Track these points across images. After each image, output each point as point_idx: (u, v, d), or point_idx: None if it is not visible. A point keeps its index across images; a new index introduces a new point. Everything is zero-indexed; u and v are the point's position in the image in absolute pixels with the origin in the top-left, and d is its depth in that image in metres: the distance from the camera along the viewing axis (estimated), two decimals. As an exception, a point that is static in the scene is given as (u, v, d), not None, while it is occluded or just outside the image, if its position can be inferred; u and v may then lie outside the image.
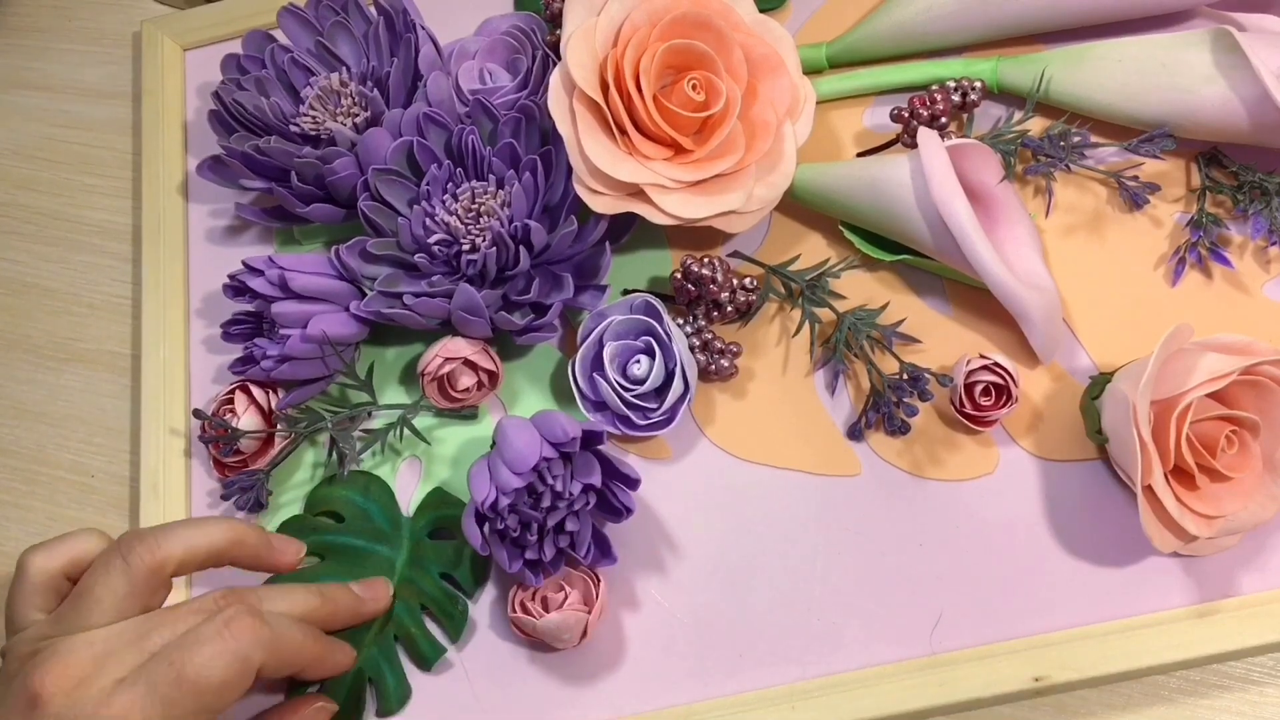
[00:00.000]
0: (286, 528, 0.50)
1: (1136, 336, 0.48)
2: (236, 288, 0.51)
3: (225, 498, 0.50)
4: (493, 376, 0.50)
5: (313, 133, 0.53)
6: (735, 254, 0.52)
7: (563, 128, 0.46)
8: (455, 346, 0.49)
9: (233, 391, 0.51)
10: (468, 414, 0.51)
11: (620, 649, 0.46)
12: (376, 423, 0.51)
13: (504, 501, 0.42)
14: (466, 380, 0.49)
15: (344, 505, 0.50)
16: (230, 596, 0.41)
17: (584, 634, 0.44)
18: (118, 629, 0.39)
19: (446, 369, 0.49)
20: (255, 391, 0.51)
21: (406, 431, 0.50)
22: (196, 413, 0.50)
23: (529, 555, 0.44)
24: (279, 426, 0.50)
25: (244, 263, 0.50)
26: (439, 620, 0.47)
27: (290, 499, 0.51)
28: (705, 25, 0.47)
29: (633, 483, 0.45)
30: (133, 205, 0.63)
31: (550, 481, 0.43)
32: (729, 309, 0.50)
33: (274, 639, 0.40)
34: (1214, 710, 0.44)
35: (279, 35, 0.56)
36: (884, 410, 0.47)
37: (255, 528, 0.45)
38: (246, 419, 0.50)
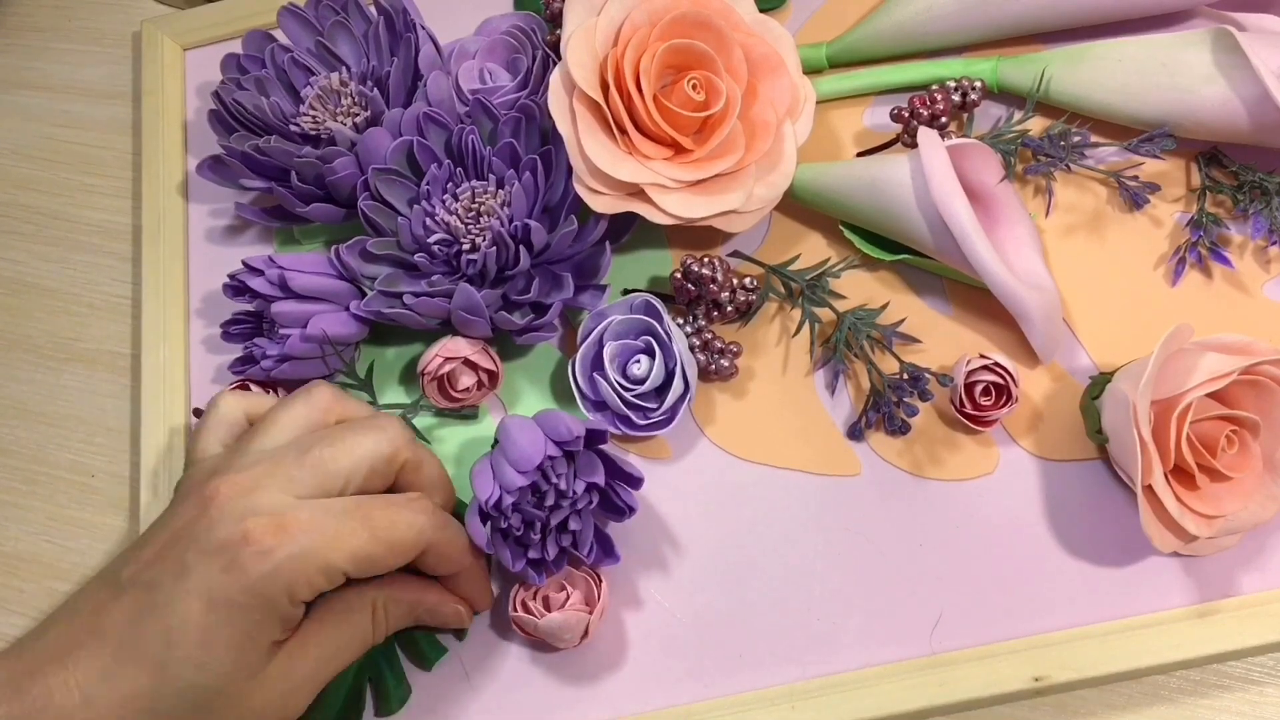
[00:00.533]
0: None
1: (1136, 336, 0.48)
2: (236, 287, 0.51)
3: None
4: (493, 376, 0.50)
5: (313, 132, 0.53)
6: (735, 254, 0.52)
7: (563, 127, 0.46)
8: (455, 346, 0.49)
9: (235, 389, 0.51)
10: (468, 414, 0.51)
11: (621, 649, 0.46)
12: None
13: (508, 500, 0.42)
14: (466, 380, 0.49)
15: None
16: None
17: (585, 634, 0.44)
18: (291, 444, 0.41)
19: (446, 368, 0.49)
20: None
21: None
22: (197, 412, 0.50)
23: (532, 554, 0.44)
24: None
25: (244, 262, 0.50)
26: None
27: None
28: (705, 25, 0.47)
29: (635, 481, 0.45)
30: (133, 205, 0.63)
31: (554, 480, 0.43)
32: (729, 309, 0.50)
33: (448, 532, 0.42)
34: (1214, 710, 0.44)
35: (279, 35, 0.56)
36: (884, 410, 0.47)
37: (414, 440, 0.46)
38: None
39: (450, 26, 0.57)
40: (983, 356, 0.46)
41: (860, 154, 0.54)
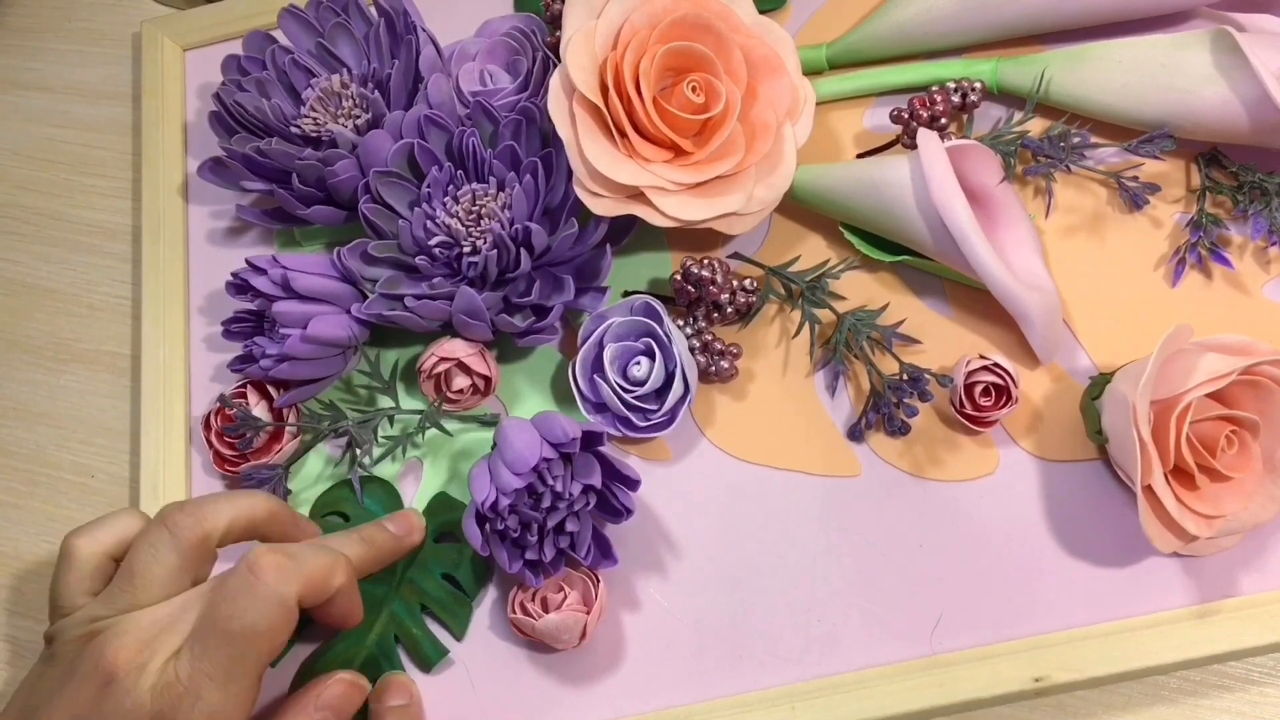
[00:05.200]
0: None
1: (1136, 337, 0.48)
2: (239, 285, 0.51)
3: None
4: (486, 381, 0.50)
5: (313, 134, 0.53)
6: (735, 255, 0.52)
7: (563, 130, 0.47)
8: (452, 347, 0.49)
9: (244, 386, 0.51)
10: (489, 420, 0.51)
11: (620, 650, 0.46)
12: (395, 428, 0.51)
13: (504, 502, 0.43)
14: (461, 381, 0.49)
15: (349, 505, 0.50)
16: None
17: (583, 635, 0.44)
18: (177, 601, 0.40)
19: (441, 368, 0.49)
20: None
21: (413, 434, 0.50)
22: (221, 398, 0.50)
23: (529, 556, 0.44)
24: (301, 421, 0.50)
25: (248, 261, 0.50)
26: (441, 621, 0.48)
27: (292, 501, 0.52)
28: (705, 27, 0.47)
29: (633, 484, 0.45)
30: (133, 205, 0.63)
31: (550, 482, 0.43)
32: (729, 310, 0.50)
33: (299, 567, 0.39)
34: (1214, 710, 0.45)
35: (279, 36, 0.56)
36: (884, 411, 0.47)
37: (284, 505, 0.45)
38: (258, 413, 0.50)
39: (451, 28, 0.57)
40: (983, 357, 0.46)
41: (860, 155, 0.54)
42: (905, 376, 0.46)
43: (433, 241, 0.49)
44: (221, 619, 0.38)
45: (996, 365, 0.46)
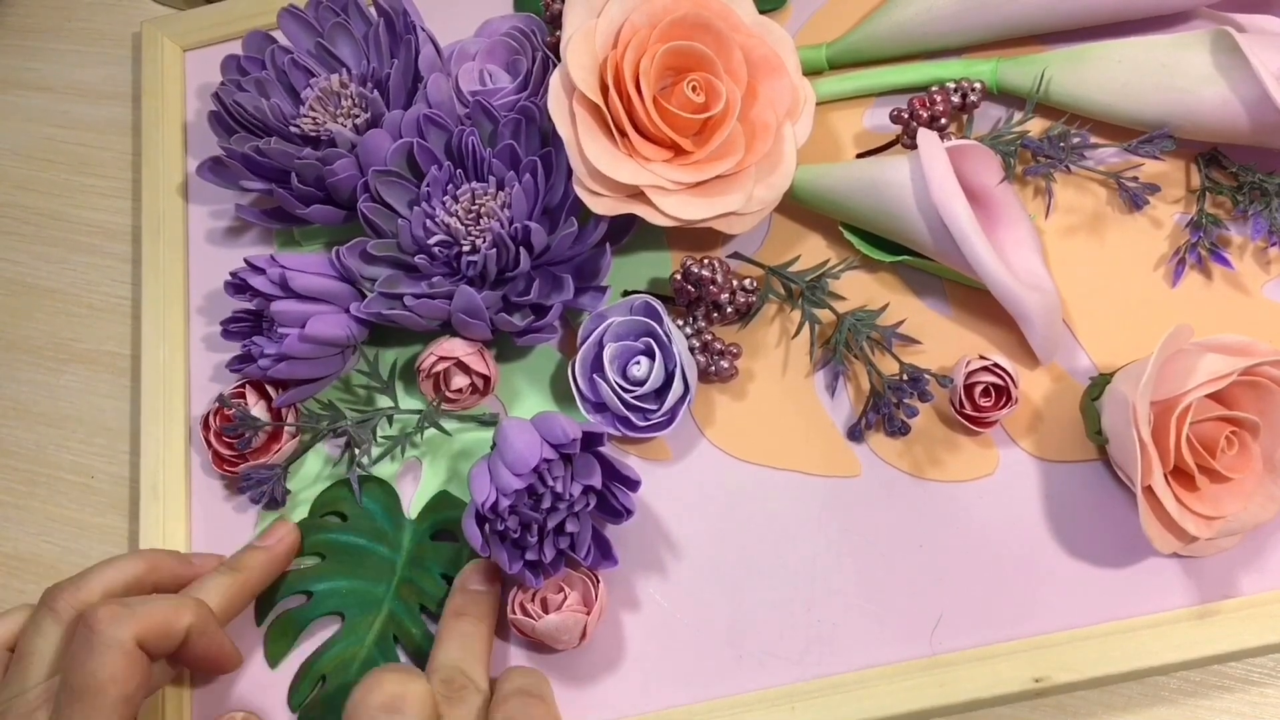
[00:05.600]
0: None
1: (1136, 337, 0.48)
2: (237, 285, 0.51)
3: (242, 490, 0.50)
4: (485, 380, 0.50)
5: (313, 134, 0.53)
6: (735, 255, 0.52)
7: (562, 129, 0.46)
8: (450, 346, 0.49)
9: (242, 385, 0.51)
10: (488, 419, 0.51)
11: (620, 650, 0.46)
12: (393, 427, 0.51)
13: (504, 503, 0.42)
14: (460, 381, 0.49)
15: (347, 505, 0.50)
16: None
17: (583, 635, 0.44)
18: (58, 676, 0.41)
19: (440, 367, 0.49)
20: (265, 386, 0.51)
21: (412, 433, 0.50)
22: (220, 398, 0.50)
23: (529, 556, 0.44)
24: (300, 421, 0.50)
25: (246, 260, 0.50)
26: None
27: (291, 501, 0.52)
28: (705, 27, 0.47)
29: (633, 484, 0.45)
30: (133, 205, 0.63)
31: (550, 483, 0.43)
32: (729, 310, 0.50)
33: (132, 613, 0.40)
34: (1214, 711, 0.45)
35: (279, 36, 0.56)
36: (884, 411, 0.47)
37: (169, 552, 0.47)
38: (257, 413, 0.50)
39: (450, 28, 0.57)
40: (982, 357, 0.46)
41: (860, 155, 0.54)
42: (905, 377, 0.46)
43: (432, 240, 0.49)
44: (70, 678, 0.39)
45: (996, 365, 0.46)
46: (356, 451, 0.49)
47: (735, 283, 0.49)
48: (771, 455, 0.49)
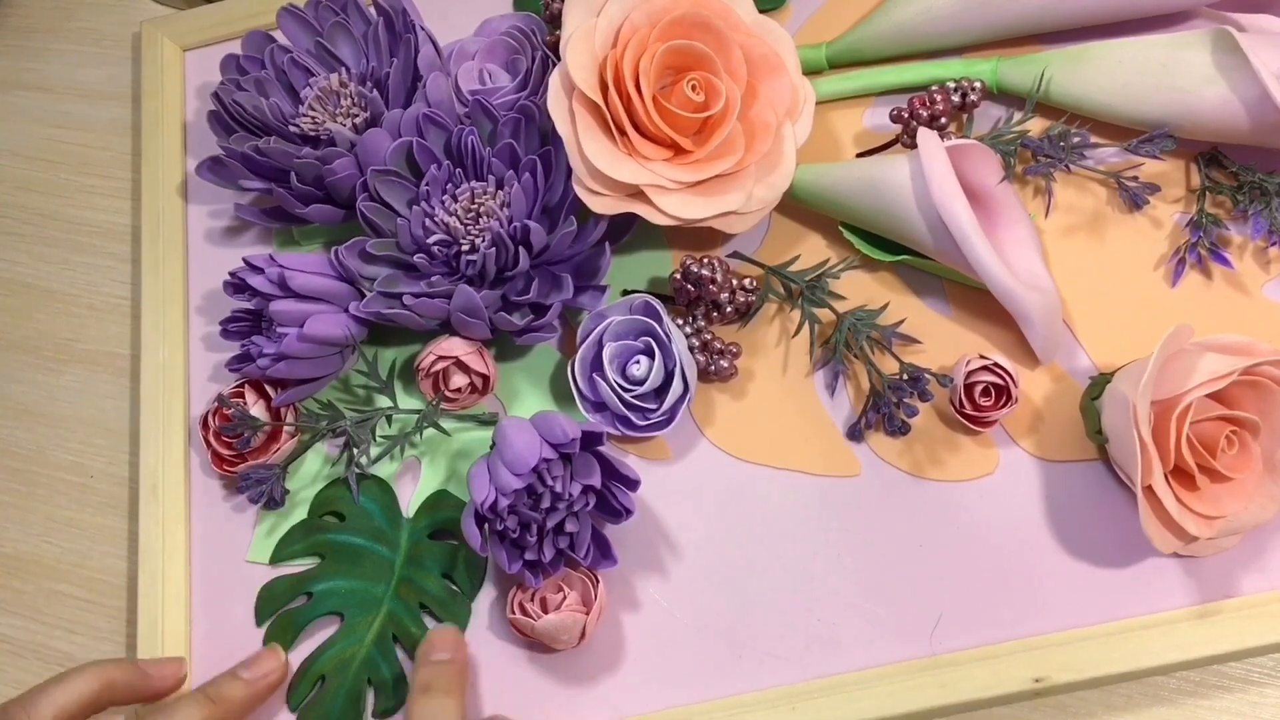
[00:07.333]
0: (294, 531, 0.50)
1: (1136, 337, 0.48)
2: (236, 284, 0.51)
3: (241, 489, 0.50)
4: (485, 380, 0.50)
5: (312, 133, 0.53)
6: (735, 254, 0.52)
7: (562, 128, 0.46)
8: (450, 346, 0.49)
9: (241, 385, 0.51)
10: (487, 419, 0.51)
11: (620, 650, 0.46)
12: (393, 427, 0.51)
13: (503, 502, 0.42)
14: (459, 380, 0.49)
15: (345, 505, 0.50)
16: None
17: (583, 635, 0.44)
18: None
19: (439, 366, 0.49)
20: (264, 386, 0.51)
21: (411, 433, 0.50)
22: (219, 398, 0.50)
23: (529, 556, 0.44)
24: (299, 421, 0.50)
25: (245, 260, 0.50)
26: (440, 620, 0.47)
27: (290, 501, 0.51)
28: (705, 26, 0.47)
29: (632, 484, 0.45)
30: (133, 206, 0.63)
31: (550, 483, 0.43)
32: (729, 309, 0.50)
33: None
34: (1214, 711, 0.44)
35: (279, 36, 0.56)
36: (884, 411, 0.47)
37: (124, 663, 0.45)
38: (256, 412, 0.50)
39: (450, 27, 0.57)
40: (982, 357, 0.46)
41: (860, 155, 0.54)
42: (905, 376, 0.46)
43: (431, 240, 0.49)
44: None
45: (996, 365, 0.46)
46: (355, 451, 0.49)
47: (735, 282, 0.49)
48: (771, 455, 0.49)
